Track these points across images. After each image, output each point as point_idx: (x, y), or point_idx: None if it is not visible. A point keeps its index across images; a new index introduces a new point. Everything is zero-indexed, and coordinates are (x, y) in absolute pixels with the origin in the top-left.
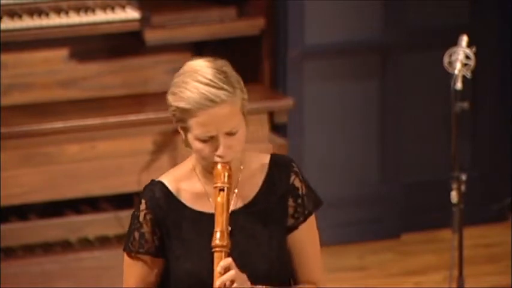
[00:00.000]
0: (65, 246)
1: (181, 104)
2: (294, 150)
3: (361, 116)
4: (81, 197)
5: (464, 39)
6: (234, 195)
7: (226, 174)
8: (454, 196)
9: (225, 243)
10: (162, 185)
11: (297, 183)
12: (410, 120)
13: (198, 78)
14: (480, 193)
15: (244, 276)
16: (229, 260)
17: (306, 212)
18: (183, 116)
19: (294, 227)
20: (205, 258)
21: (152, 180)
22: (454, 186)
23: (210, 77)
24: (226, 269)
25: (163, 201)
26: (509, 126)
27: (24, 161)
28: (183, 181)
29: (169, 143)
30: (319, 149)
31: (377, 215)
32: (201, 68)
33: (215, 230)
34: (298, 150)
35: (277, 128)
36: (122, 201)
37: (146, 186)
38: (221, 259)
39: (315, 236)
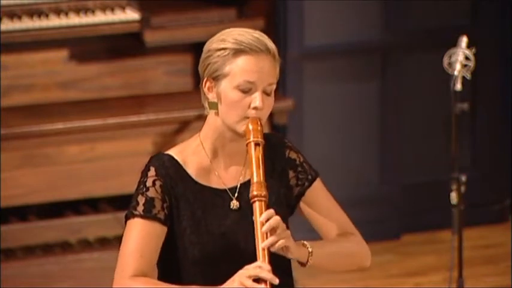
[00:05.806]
0: (65, 247)
1: (230, 45)
2: None
3: (361, 117)
4: (81, 198)
5: (464, 40)
6: (242, 170)
7: (259, 129)
8: (453, 197)
9: (263, 193)
10: (170, 156)
11: (293, 155)
12: (410, 120)
13: (245, 30)
14: (480, 194)
15: (284, 226)
16: (271, 210)
17: (310, 177)
18: (225, 62)
19: (302, 194)
20: (211, 232)
21: (159, 153)
22: (454, 187)
23: (256, 32)
24: (270, 219)
25: (173, 170)
26: (509, 126)
27: (24, 162)
28: (190, 155)
29: (169, 144)
30: (319, 149)
31: (377, 215)
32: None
33: (252, 181)
34: None
35: (277, 129)
36: (121, 202)
37: (153, 156)
38: (261, 208)
39: (327, 195)
